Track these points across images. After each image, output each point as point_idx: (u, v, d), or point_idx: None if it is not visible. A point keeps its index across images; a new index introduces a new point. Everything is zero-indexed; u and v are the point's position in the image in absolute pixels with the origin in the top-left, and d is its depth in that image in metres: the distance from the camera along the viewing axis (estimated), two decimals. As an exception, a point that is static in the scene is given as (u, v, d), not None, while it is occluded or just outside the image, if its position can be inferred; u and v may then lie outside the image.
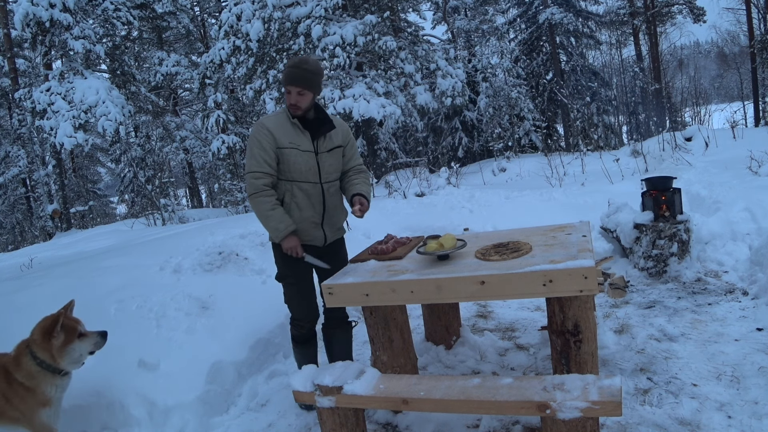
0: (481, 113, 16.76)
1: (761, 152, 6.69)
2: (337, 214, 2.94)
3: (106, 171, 25.70)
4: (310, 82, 2.65)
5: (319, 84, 2.72)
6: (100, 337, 2.52)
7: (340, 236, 3.02)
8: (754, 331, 3.13)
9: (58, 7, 11.87)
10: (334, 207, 2.89)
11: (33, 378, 2.34)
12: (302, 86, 2.63)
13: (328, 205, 2.85)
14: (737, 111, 17.05)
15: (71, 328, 2.42)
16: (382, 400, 2.21)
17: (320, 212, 2.82)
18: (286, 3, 11.48)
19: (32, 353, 2.36)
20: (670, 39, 22.98)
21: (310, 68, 2.65)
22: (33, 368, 2.34)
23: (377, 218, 6.52)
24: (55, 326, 2.36)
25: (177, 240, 5.37)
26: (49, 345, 2.35)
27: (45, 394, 2.36)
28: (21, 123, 17.06)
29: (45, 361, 2.35)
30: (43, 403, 2.36)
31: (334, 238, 2.96)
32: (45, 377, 2.36)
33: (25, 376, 2.33)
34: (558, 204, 6.30)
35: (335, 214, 2.91)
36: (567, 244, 2.50)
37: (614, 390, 1.87)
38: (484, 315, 4.12)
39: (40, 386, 2.35)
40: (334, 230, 2.95)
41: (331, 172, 2.84)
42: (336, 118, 2.90)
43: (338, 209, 2.94)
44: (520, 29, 19.67)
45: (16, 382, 2.32)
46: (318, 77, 2.70)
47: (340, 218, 2.97)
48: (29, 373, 2.34)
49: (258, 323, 3.75)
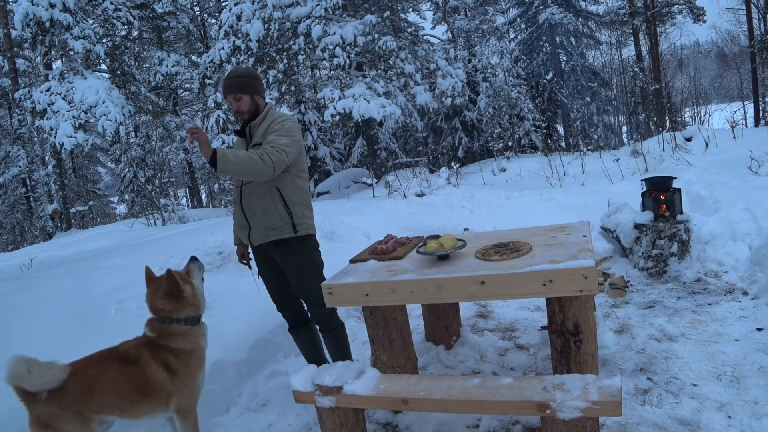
0: (481, 113, 16.77)
1: (761, 152, 6.69)
2: (260, 217, 2.78)
3: (106, 171, 25.72)
4: (241, 87, 2.76)
5: (251, 84, 2.79)
6: (196, 262, 2.58)
7: (274, 238, 2.80)
8: (754, 331, 3.12)
9: (58, 7, 11.87)
10: (252, 209, 2.79)
11: (190, 337, 2.36)
12: (234, 92, 2.76)
13: (245, 207, 2.81)
14: (737, 111, 17.04)
15: (183, 276, 2.46)
16: (382, 400, 2.21)
17: (242, 214, 2.86)
18: (286, 3, 11.48)
19: (176, 320, 2.35)
20: (670, 39, 22.96)
21: (238, 74, 2.79)
22: (183, 329, 2.35)
23: (377, 218, 6.52)
24: (177, 282, 2.37)
25: (177, 240, 5.37)
26: (184, 299, 2.37)
27: (202, 348, 2.41)
28: (21, 123, 17.07)
29: (191, 316, 2.37)
30: (201, 363, 2.40)
31: (266, 239, 2.80)
32: (195, 332, 2.39)
33: (182, 340, 2.34)
34: (558, 204, 6.30)
35: (256, 214, 2.79)
36: (567, 244, 2.49)
37: (614, 390, 1.87)
38: (484, 315, 4.12)
39: (198, 343, 2.39)
40: (261, 232, 2.80)
41: None
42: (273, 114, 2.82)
43: (261, 211, 2.78)
44: (520, 29, 19.68)
45: (175, 352, 2.31)
46: (248, 78, 2.79)
47: (267, 222, 2.78)
48: (185, 334, 2.35)
49: (258, 323, 3.75)
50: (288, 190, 2.79)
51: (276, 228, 2.79)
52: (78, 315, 3.55)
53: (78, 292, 3.87)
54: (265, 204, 2.77)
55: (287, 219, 2.79)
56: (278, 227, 2.79)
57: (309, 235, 2.89)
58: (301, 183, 2.87)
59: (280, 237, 2.80)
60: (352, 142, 18.48)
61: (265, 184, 2.75)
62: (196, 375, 2.37)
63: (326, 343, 3.07)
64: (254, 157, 2.49)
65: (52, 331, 3.36)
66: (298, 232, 2.81)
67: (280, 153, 2.56)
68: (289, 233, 2.80)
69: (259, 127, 2.81)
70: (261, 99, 2.87)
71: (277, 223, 2.78)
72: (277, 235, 2.80)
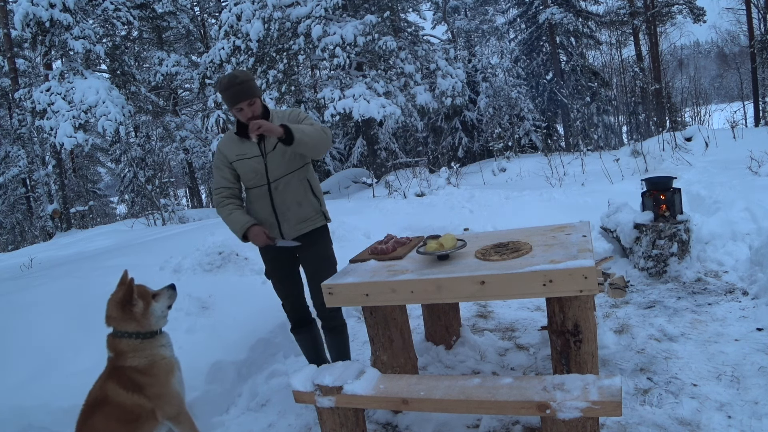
0: (481, 113, 16.77)
1: (761, 152, 6.69)
2: (294, 210, 2.83)
3: (106, 171, 25.72)
4: (252, 91, 2.71)
5: (257, 87, 2.78)
6: (171, 290, 2.53)
7: (307, 230, 2.87)
8: (754, 331, 3.12)
9: (58, 7, 11.87)
10: (285, 204, 2.82)
11: (143, 351, 2.31)
12: (249, 98, 2.69)
13: (277, 204, 2.82)
14: (737, 111, 17.04)
15: (144, 292, 2.42)
16: (382, 400, 2.21)
17: (271, 212, 2.84)
18: (286, 3, 11.48)
19: (120, 334, 2.32)
20: (670, 39, 23.00)
21: (242, 79, 2.70)
22: (133, 344, 2.31)
23: (377, 218, 6.53)
24: (131, 296, 2.33)
25: (177, 240, 5.37)
26: (132, 315, 2.33)
27: (164, 357, 2.36)
28: (21, 123, 17.06)
29: (135, 332, 2.33)
30: (169, 370, 2.35)
31: (299, 232, 2.85)
32: (150, 344, 2.34)
33: (135, 357, 2.29)
34: (558, 204, 6.30)
35: (291, 208, 2.82)
36: (567, 244, 2.49)
37: (614, 390, 1.87)
38: (484, 315, 4.12)
39: (154, 353, 2.33)
40: (294, 225, 2.84)
41: (277, 168, 2.78)
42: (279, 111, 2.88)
43: (295, 203, 2.83)
44: (520, 29, 19.67)
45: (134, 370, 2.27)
46: (252, 81, 2.76)
47: (300, 213, 2.84)
48: (135, 350, 2.30)
49: (258, 323, 3.75)
50: (313, 180, 2.92)
51: (308, 219, 2.87)
52: (78, 315, 3.55)
53: (78, 292, 3.87)
54: (299, 196, 2.83)
55: (318, 208, 2.90)
56: (310, 217, 2.87)
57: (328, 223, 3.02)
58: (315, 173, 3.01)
59: (313, 227, 2.89)
60: (352, 142, 18.49)
61: (296, 176, 2.82)
62: (168, 383, 2.34)
63: (327, 341, 3.09)
64: (318, 129, 2.62)
65: (52, 331, 3.36)
66: (329, 220, 2.97)
67: (326, 128, 2.71)
68: (321, 222, 2.92)
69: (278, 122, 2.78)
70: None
71: (309, 214, 2.87)
72: (309, 226, 2.87)
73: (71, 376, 2.92)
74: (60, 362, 3.10)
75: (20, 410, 2.78)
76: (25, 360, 3.12)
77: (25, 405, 2.80)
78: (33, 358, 3.12)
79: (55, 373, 3.02)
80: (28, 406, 2.80)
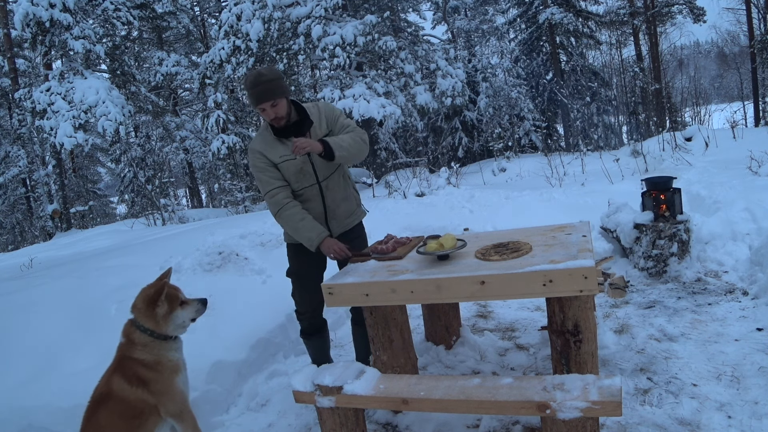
0: (481, 113, 16.76)
1: (761, 152, 6.69)
2: (343, 206, 2.91)
3: (106, 171, 25.70)
4: (276, 91, 2.60)
5: (283, 86, 2.65)
6: (201, 304, 2.53)
7: (353, 224, 2.98)
8: (754, 331, 3.12)
9: (58, 7, 11.87)
10: (335, 201, 2.88)
11: (151, 349, 2.34)
12: (272, 98, 2.59)
13: (329, 202, 2.86)
14: (737, 111, 17.06)
15: (173, 297, 2.43)
16: (382, 400, 2.21)
17: (322, 211, 2.85)
18: (286, 3, 11.48)
19: (138, 325, 2.35)
20: (670, 39, 22.97)
21: (268, 78, 2.59)
22: (145, 339, 2.34)
23: (377, 218, 6.52)
24: (159, 296, 2.36)
25: (177, 240, 5.37)
26: (154, 314, 2.35)
27: (171, 359, 2.37)
28: (21, 123, 17.06)
29: (151, 329, 2.35)
30: (175, 370, 2.37)
31: (346, 228, 2.95)
32: (161, 345, 2.36)
33: (143, 351, 2.32)
34: (558, 204, 6.30)
35: (340, 205, 2.90)
36: (567, 244, 2.49)
37: (614, 390, 1.87)
38: (484, 315, 4.12)
39: (162, 355, 2.35)
40: (342, 221, 2.93)
41: (324, 167, 2.80)
42: (315, 106, 2.82)
43: (342, 201, 2.91)
44: (520, 29, 19.65)
45: (140, 363, 2.30)
46: (279, 80, 2.63)
47: (347, 208, 2.94)
48: (145, 346, 2.33)
49: (258, 323, 3.75)
50: (350, 175, 3.02)
51: (353, 213, 2.98)
52: (78, 315, 3.55)
53: (78, 292, 3.87)
54: (344, 191, 2.92)
55: (358, 200, 3.04)
56: (354, 211, 2.99)
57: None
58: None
59: (357, 221, 2.99)
60: (352, 142, 18.43)
61: (339, 171, 2.88)
62: (172, 381, 2.36)
63: (356, 335, 3.16)
64: (357, 139, 2.70)
65: (52, 331, 3.36)
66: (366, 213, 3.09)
67: (364, 133, 2.77)
68: (362, 215, 3.05)
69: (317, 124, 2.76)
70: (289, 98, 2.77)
71: (353, 207, 2.98)
72: (354, 220, 2.99)
73: (71, 377, 2.93)
74: (60, 362, 3.10)
75: (20, 410, 2.78)
76: (25, 360, 3.12)
77: (26, 405, 2.80)
78: (33, 359, 3.12)
79: (55, 373, 3.02)
80: (28, 406, 2.80)
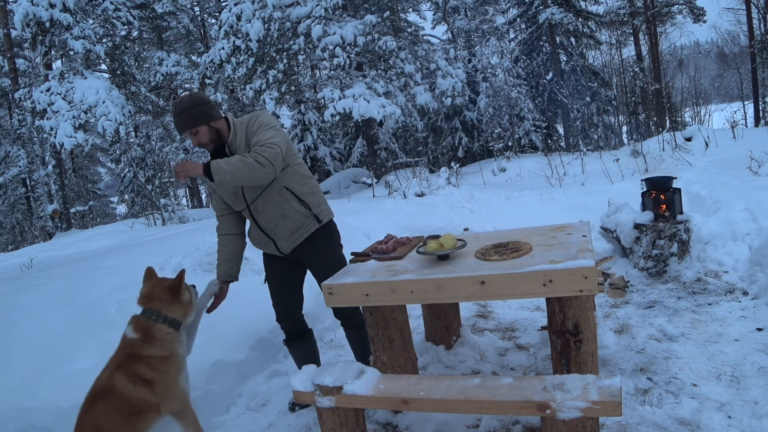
0: (481, 113, 16.77)
1: (761, 152, 6.69)
2: (282, 224, 2.73)
3: (106, 171, 25.72)
4: (194, 120, 2.57)
5: (203, 113, 2.58)
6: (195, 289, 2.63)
7: (303, 238, 2.78)
8: (754, 331, 3.12)
9: (58, 7, 11.86)
10: (271, 221, 2.73)
11: (167, 343, 2.35)
12: (190, 127, 2.58)
13: (263, 223, 2.75)
14: (737, 111, 17.05)
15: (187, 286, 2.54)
16: (382, 400, 2.21)
17: (260, 232, 2.80)
18: (286, 3, 11.48)
19: (162, 316, 2.36)
20: (670, 39, 22.98)
21: (185, 107, 2.56)
22: (165, 332, 2.36)
23: (377, 218, 6.53)
24: (181, 282, 2.43)
25: (177, 240, 5.37)
26: (180, 301, 2.43)
27: (179, 355, 2.39)
28: (21, 123, 17.06)
29: (176, 319, 2.39)
30: (179, 367, 2.39)
31: (296, 243, 2.78)
32: (174, 338, 2.39)
33: (160, 347, 2.33)
34: (558, 204, 6.30)
35: (279, 224, 2.73)
36: (567, 244, 2.49)
37: (614, 390, 1.87)
38: (484, 315, 4.12)
39: (174, 349, 2.37)
40: (288, 238, 2.77)
41: (252, 191, 2.69)
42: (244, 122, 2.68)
43: (280, 218, 2.72)
44: (520, 29, 19.65)
45: (151, 358, 2.30)
46: (197, 108, 2.57)
47: (289, 225, 2.73)
48: (163, 340, 2.35)
49: (258, 323, 3.75)
50: (295, 184, 2.72)
51: (300, 227, 2.76)
52: (78, 315, 3.55)
53: (78, 292, 3.87)
54: (281, 208, 2.70)
55: (307, 213, 2.76)
56: (302, 225, 2.76)
57: (330, 220, 2.91)
58: (303, 170, 2.79)
59: (308, 234, 2.78)
60: (352, 142, 18.48)
61: (272, 189, 2.66)
62: (177, 379, 2.37)
63: (350, 339, 3.10)
64: (248, 160, 2.41)
65: (52, 331, 3.36)
66: (322, 221, 2.82)
67: (271, 147, 2.46)
68: (314, 226, 2.79)
69: (236, 143, 2.64)
70: (219, 121, 2.65)
71: (299, 222, 2.74)
72: (304, 234, 2.77)
73: (71, 377, 2.93)
74: (60, 362, 3.10)
75: (20, 410, 2.78)
76: (25, 360, 3.12)
77: (25, 405, 2.80)
78: (33, 359, 3.12)
79: (55, 373, 3.02)
80: (28, 406, 2.80)
